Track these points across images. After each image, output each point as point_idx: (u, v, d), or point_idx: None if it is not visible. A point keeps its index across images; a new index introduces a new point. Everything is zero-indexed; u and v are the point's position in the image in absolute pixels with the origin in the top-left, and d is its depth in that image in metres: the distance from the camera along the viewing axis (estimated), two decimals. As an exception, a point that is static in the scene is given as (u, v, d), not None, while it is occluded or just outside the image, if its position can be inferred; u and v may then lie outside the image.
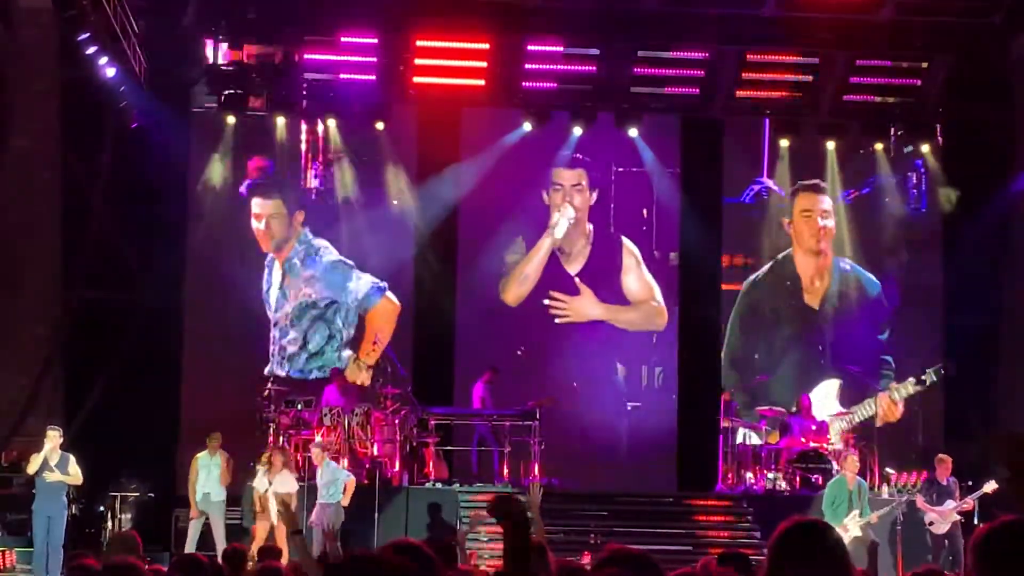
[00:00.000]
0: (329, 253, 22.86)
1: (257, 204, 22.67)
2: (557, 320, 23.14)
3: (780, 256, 23.44)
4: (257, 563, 11.79)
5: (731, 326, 23.33)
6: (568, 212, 23.16)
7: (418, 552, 4.37)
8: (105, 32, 18.60)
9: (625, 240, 23.40)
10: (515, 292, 23.19)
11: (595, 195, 23.31)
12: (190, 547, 17.65)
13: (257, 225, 22.66)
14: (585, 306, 23.22)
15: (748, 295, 23.39)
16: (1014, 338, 21.29)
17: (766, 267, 23.42)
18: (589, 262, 23.37)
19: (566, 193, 23.23)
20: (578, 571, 6.19)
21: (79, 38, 18.47)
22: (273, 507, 17.75)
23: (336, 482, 17.97)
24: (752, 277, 23.38)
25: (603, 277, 23.31)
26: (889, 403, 22.73)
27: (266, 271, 22.76)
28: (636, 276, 23.37)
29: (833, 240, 23.41)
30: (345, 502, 18.01)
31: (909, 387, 22.59)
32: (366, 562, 3.64)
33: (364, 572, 3.61)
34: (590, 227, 23.41)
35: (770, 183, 23.43)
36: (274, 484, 17.85)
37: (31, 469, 17.30)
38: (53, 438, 17.10)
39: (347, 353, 22.71)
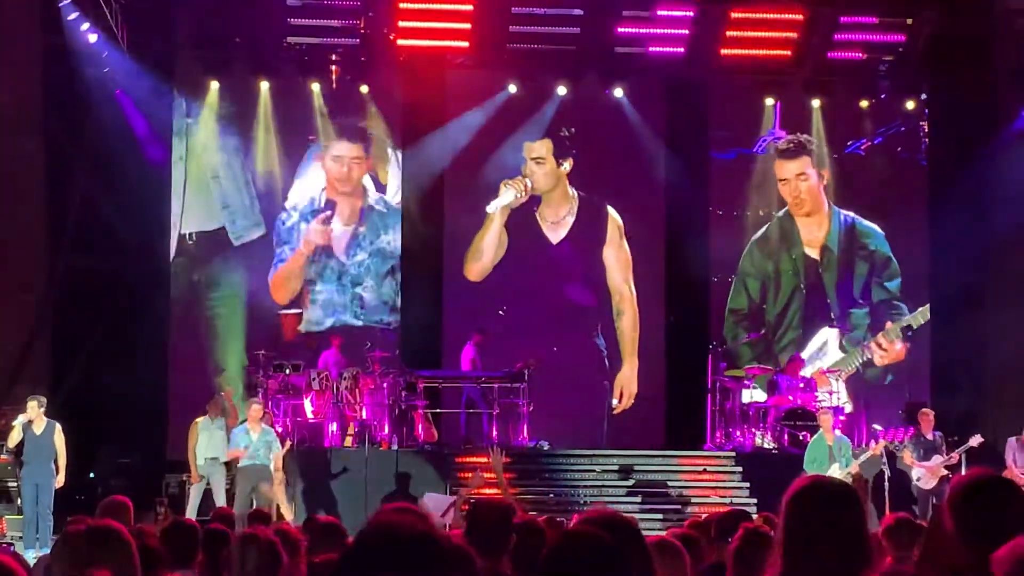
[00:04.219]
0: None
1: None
2: None
3: (779, 213, 23.47)
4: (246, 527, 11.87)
5: (736, 283, 23.36)
6: (517, 186, 22.81)
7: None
8: (86, -3, 18.53)
9: (610, 210, 23.26)
10: (475, 268, 22.94)
11: (568, 164, 23.03)
12: (191, 512, 17.66)
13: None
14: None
15: (751, 252, 23.42)
16: (999, 294, 21.37)
17: (768, 224, 23.43)
18: (572, 231, 23.22)
19: (528, 166, 23.03)
20: (537, 530, 6.18)
21: (60, 4, 18.38)
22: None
23: (271, 444, 17.87)
24: (756, 235, 23.38)
25: (585, 249, 23.16)
26: (886, 343, 22.94)
27: (298, 217, 22.59)
28: (616, 249, 23.24)
29: (829, 192, 23.43)
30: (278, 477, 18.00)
31: (898, 327, 22.85)
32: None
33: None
34: (574, 193, 23.25)
35: (783, 134, 23.41)
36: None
37: (11, 443, 17.29)
38: (32, 408, 16.96)
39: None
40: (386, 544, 2.86)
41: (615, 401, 22.67)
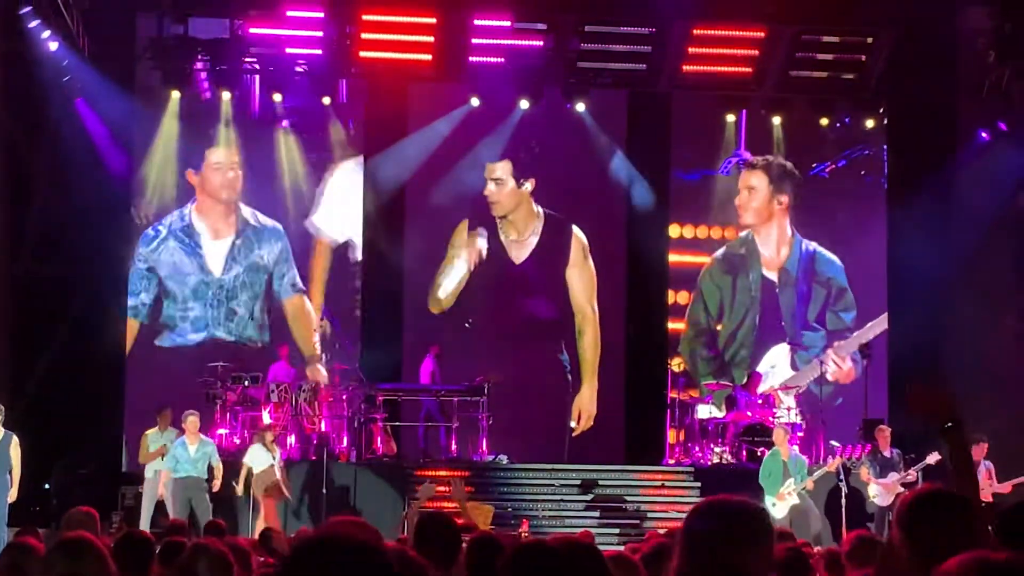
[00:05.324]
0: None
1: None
2: None
3: (743, 233, 23.59)
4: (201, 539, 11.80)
5: (695, 301, 23.44)
6: (480, 239, 22.82)
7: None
8: (47, 5, 18.40)
9: (575, 230, 23.27)
10: (437, 305, 22.94)
11: (529, 184, 23.03)
12: (144, 524, 17.56)
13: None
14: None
15: (711, 270, 23.50)
16: (957, 313, 21.47)
17: (728, 243, 23.53)
18: (536, 250, 23.19)
19: (488, 186, 22.94)
20: (493, 543, 6.10)
21: (20, 11, 18.27)
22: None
23: (207, 457, 17.83)
24: (717, 253, 23.49)
25: (549, 268, 23.14)
26: (838, 359, 23.10)
27: (167, 234, 22.42)
28: (580, 271, 23.24)
29: (791, 215, 23.56)
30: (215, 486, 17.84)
31: (855, 342, 23.01)
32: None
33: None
34: (540, 211, 23.25)
35: (748, 155, 23.50)
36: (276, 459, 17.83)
37: None
38: None
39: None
40: (326, 554, 2.84)
41: (573, 423, 22.69)
